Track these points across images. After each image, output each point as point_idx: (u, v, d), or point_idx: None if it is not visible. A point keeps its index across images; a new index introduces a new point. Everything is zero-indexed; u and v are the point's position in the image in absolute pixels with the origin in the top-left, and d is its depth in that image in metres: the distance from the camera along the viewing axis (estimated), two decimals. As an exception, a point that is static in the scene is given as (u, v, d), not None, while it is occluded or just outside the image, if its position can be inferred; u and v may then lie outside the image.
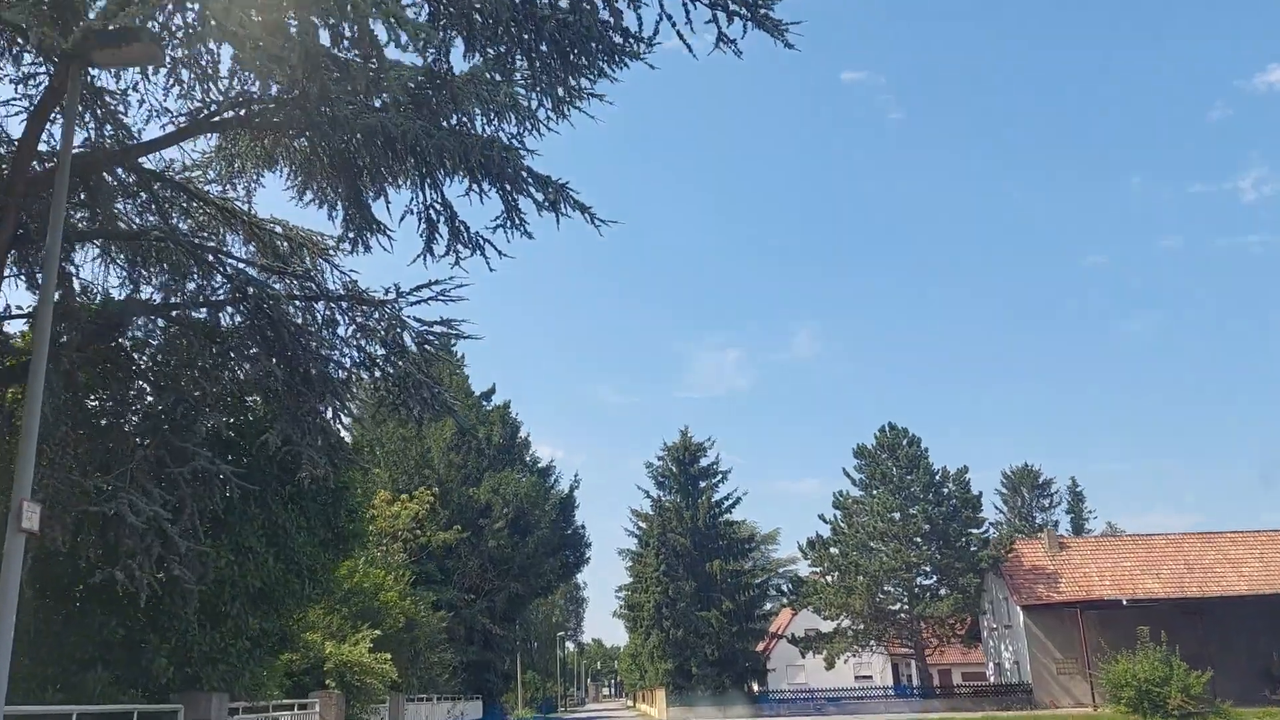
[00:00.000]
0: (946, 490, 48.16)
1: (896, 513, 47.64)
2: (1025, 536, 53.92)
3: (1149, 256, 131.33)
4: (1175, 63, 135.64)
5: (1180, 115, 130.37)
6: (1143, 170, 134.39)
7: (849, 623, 48.89)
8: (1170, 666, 33.14)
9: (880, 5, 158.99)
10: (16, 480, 7.67)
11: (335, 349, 12.94)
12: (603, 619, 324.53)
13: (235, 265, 12.37)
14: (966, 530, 47.55)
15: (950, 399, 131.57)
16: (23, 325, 11.99)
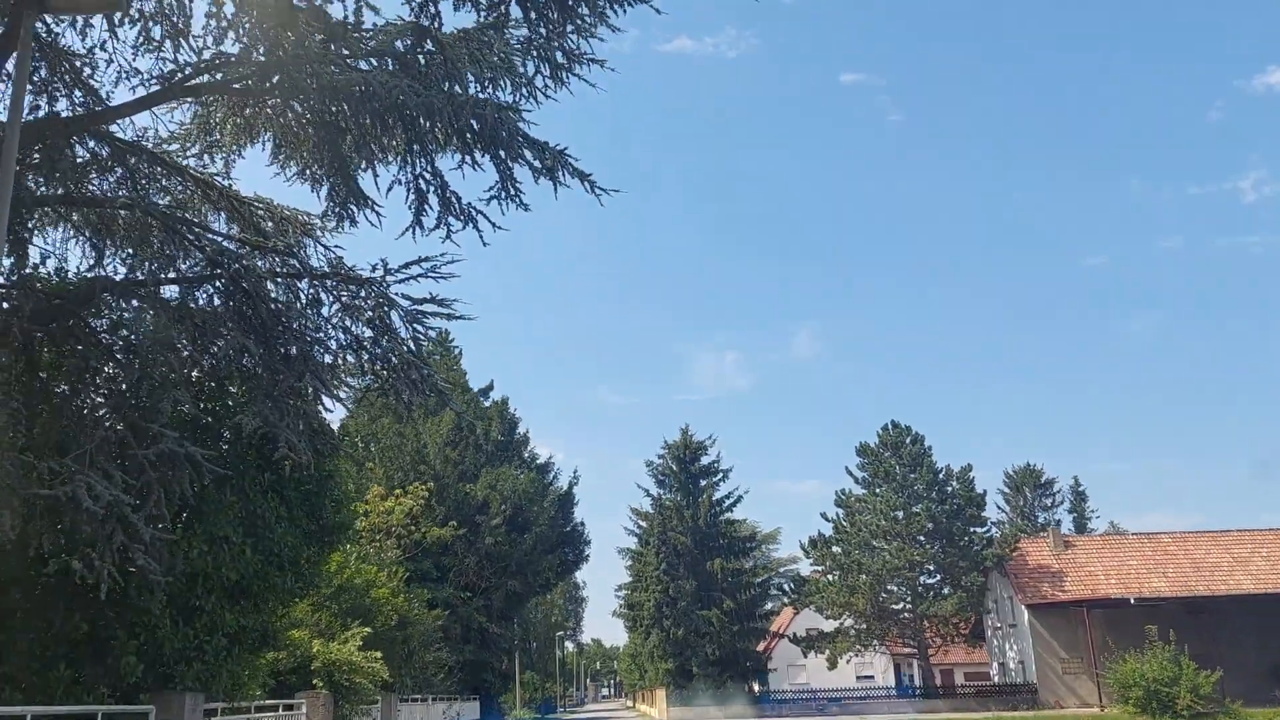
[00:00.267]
0: (950, 489, 47.60)
1: (900, 511, 47.04)
2: (1029, 535, 53.27)
3: (1149, 257, 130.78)
4: (1175, 64, 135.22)
5: (1180, 116, 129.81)
6: (1142, 171, 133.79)
7: (851, 622, 48.27)
8: (1179, 666, 32.60)
9: (880, 7, 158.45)
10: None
11: (320, 330, 12.28)
12: (602, 619, 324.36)
13: (212, 239, 11.67)
14: (970, 529, 46.97)
15: (950, 399, 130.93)
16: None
